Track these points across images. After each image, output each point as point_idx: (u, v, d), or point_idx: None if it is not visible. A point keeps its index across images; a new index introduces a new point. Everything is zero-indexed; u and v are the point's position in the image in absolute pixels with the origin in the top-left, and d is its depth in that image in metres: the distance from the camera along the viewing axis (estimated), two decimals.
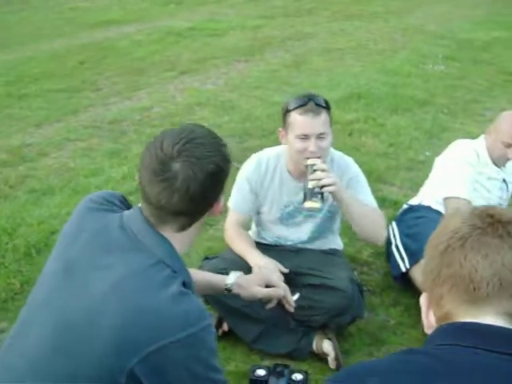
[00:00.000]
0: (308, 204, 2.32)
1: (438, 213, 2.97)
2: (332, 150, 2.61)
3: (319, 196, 2.31)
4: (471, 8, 10.14)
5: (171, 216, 1.42)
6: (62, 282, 1.44)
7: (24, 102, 5.54)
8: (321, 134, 2.37)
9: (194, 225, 1.48)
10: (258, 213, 2.70)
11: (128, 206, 1.55)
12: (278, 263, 2.45)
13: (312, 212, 2.59)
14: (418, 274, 2.75)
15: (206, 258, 2.71)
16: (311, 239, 2.74)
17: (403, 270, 2.84)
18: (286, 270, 2.43)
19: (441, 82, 6.27)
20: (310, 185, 2.30)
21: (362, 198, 2.55)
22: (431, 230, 2.90)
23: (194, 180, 1.37)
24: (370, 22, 9.01)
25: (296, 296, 2.21)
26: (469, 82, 6.30)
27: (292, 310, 2.11)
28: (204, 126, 1.50)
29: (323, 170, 2.31)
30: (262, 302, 2.07)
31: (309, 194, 2.31)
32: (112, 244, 1.43)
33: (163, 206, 1.39)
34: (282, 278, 2.21)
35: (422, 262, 2.68)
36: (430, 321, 1.06)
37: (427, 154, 4.39)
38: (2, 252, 3.19)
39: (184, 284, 1.40)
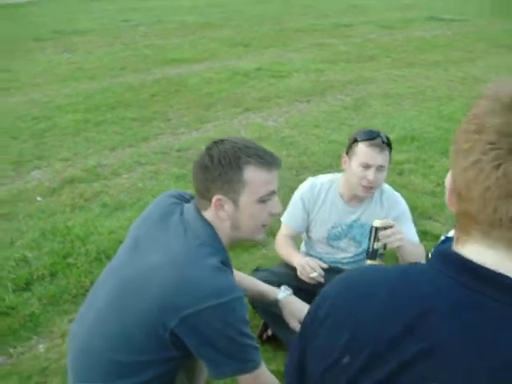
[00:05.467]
0: (371, 262, 2.51)
1: None
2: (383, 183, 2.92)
3: (383, 256, 2.51)
4: None
5: (196, 195, 1.81)
6: (129, 253, 1.82)
7: (100, 128, 6.04)
8: (381, 166, 2.67)
9: (209, 209, 1.77)
10: (308, 232, 3.00)
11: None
12: (318, 260, 2.75)
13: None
14: None
15: (257, 270, 3.02)
16: (352, 262, 3.01)
17: None
18: (326, 265, 2.72)
19: None
20: (376, 246, 2.48)
21: (407, 233, 2.80)
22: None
23: (196, 162, 1.78)
24: (430, 69, 9.25)
25: None
26: None
27: None
28: (252, 142, 1.84)
29: (390, 229, 2.49)
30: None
31: (373, 254, 2.48)
32: (171, 227, 1.77)
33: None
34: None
35: None
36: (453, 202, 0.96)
37: None
38: (75, 255, 3.57)
39: (222, 262, 1.69)
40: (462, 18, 14.90)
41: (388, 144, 2.68)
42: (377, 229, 2.46)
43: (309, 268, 2.68)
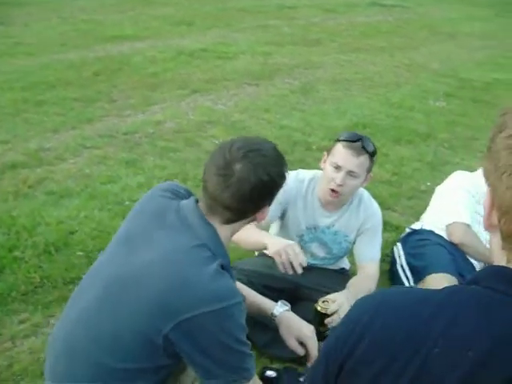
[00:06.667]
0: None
1: (440, 237, 3.16)
2: (362, 189, 2.78)
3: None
4: (474, 50, 10.47)
5: (220, 208, 1.62)
6: (120, 250, 1.67)
7: (41, 108, 5.69)
8: (352, 172, 2.51)
9: (237, 222, 1.67)
10: (281, 230, 2.84)
11: (189, 196, 1.76)
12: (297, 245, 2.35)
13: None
14: None
15: None
16: (323, 262, 2.92)
17: None
18: (304, 261, 2.30)
19: (442, 117, 6.50)
20: (323, 329, 2.32)
21: (369, 251, 2.77)
22: (434, 251, 3.10)
23: (247, 183, 1.57)
24: (376, 55, 9.27)
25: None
26: (468, 120, 6.53)
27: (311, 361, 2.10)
28: (273, 144, 1.71)
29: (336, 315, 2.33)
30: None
31: (319, 336, 2.26)
32: (166, 223, 1.63)
33: (216, 197, 1.60)
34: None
35: (426, 279, 2.89)
36: (491, 221, 0.92)
37: (428, 184, 4.59)
38: (22, 248, 3.32)
39: (222, 266, 1.57)
40: (402, 5, 15.06)
41: (369, 152, 2.51)
42: (322, 314, 2.33)
43: (293, 253, 2.24)
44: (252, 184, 1.58)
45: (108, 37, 8.99)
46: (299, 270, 2.24)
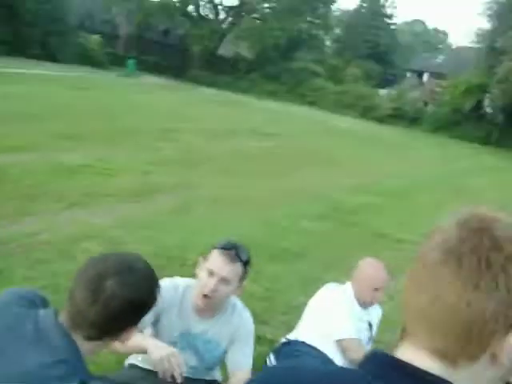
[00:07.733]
0: None
1: (313, 348, 3.25)
2: (235, 299, 2.82)
3: None
4: (345, 175, 11.25)
5: (84, 323, 1.55)
6: None
7: None
8: (225, 278, 2.55)
9: (100, 341, 1.61)
10: (155, 335, 2.82)
11: (45, 306, 1.67)
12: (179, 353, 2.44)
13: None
14: None
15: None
16: (194, 371, 2.89)
17: None
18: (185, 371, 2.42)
19: (315, 237, 6.83)
20: None
21: (241, 359, 2.76)
22: (305, 361, 3.15)
23: (116, 300, 1.54)
24: (255, 178, 9.70)
25: None
26: (339, 240, 6.91)
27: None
28: (146, 262, 1.69)
29: None
30: None
31: None
32: (22, 337, 1.53)
33: (82, 312, 1.54)
34: None
35: None
36: None
37: (301, 299, 4.73)
38: None
39: (82, 382, 1.49)
40: (281, 133, 16.05)
41: (243, 260, 2.59)
42: None
43: (175, 362, 2.35)
44: (121, 302, 1.55)
45: None
46: (179, 380, 2.27)
